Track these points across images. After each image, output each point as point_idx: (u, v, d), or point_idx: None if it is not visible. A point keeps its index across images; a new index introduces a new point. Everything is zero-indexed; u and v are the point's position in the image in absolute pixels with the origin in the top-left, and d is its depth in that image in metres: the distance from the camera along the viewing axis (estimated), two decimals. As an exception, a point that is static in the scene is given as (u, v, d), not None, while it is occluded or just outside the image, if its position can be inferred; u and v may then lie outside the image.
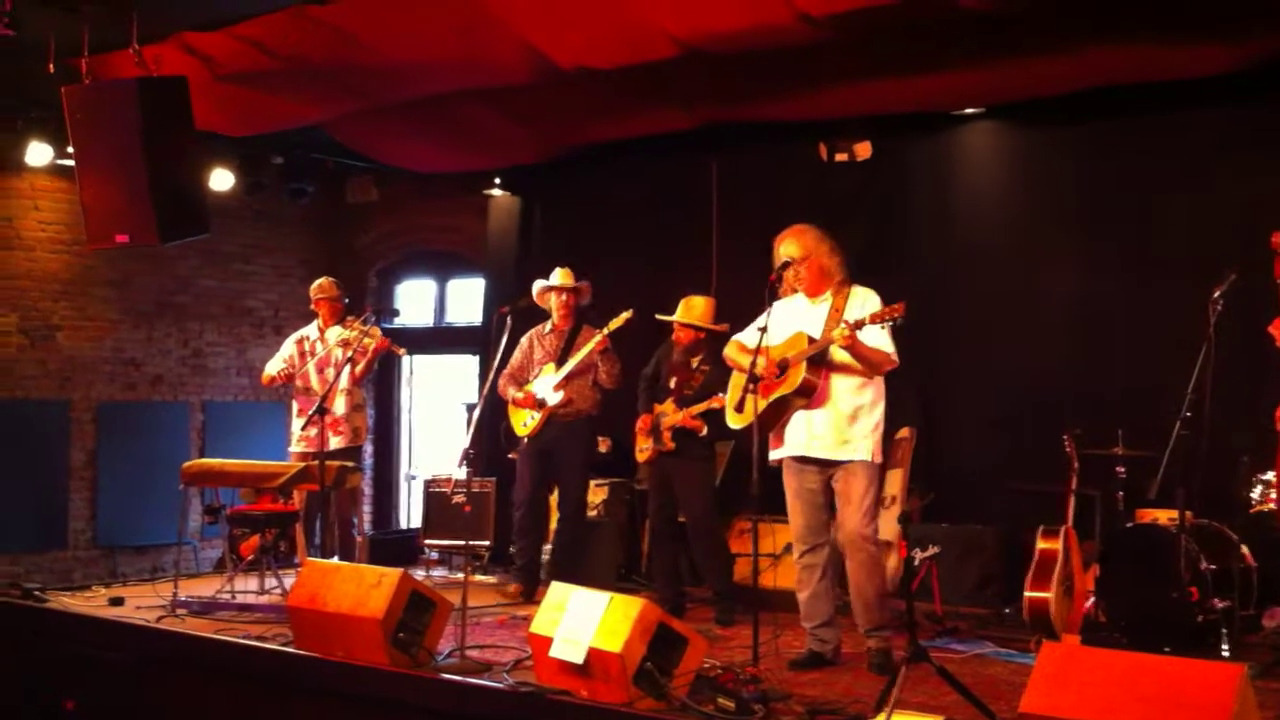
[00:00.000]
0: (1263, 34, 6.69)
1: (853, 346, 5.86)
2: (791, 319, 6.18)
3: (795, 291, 6.26)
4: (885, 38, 6.86)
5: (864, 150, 8.71)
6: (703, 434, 7.49)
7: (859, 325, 5.76)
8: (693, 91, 8.17)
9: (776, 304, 6.24)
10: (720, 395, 7.04)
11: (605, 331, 7.94)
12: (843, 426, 6.05)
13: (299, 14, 6.90)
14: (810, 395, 6.00)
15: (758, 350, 5.98)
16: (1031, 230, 8.31)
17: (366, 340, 8.52)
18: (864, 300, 6.07)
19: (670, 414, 7.60)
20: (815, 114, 8.37)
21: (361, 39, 7.10)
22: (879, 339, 5.95)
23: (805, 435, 6.11)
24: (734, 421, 6.30)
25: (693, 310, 7.68)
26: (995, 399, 8.28)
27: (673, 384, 7.67)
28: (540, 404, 8.16)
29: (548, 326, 8.39)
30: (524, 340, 8.36)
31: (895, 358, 6.04)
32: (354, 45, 7.14)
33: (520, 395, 8.23)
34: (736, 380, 6.30)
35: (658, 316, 7.82)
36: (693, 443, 7.55)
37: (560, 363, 8.17)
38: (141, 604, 7.73)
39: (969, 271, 8.50)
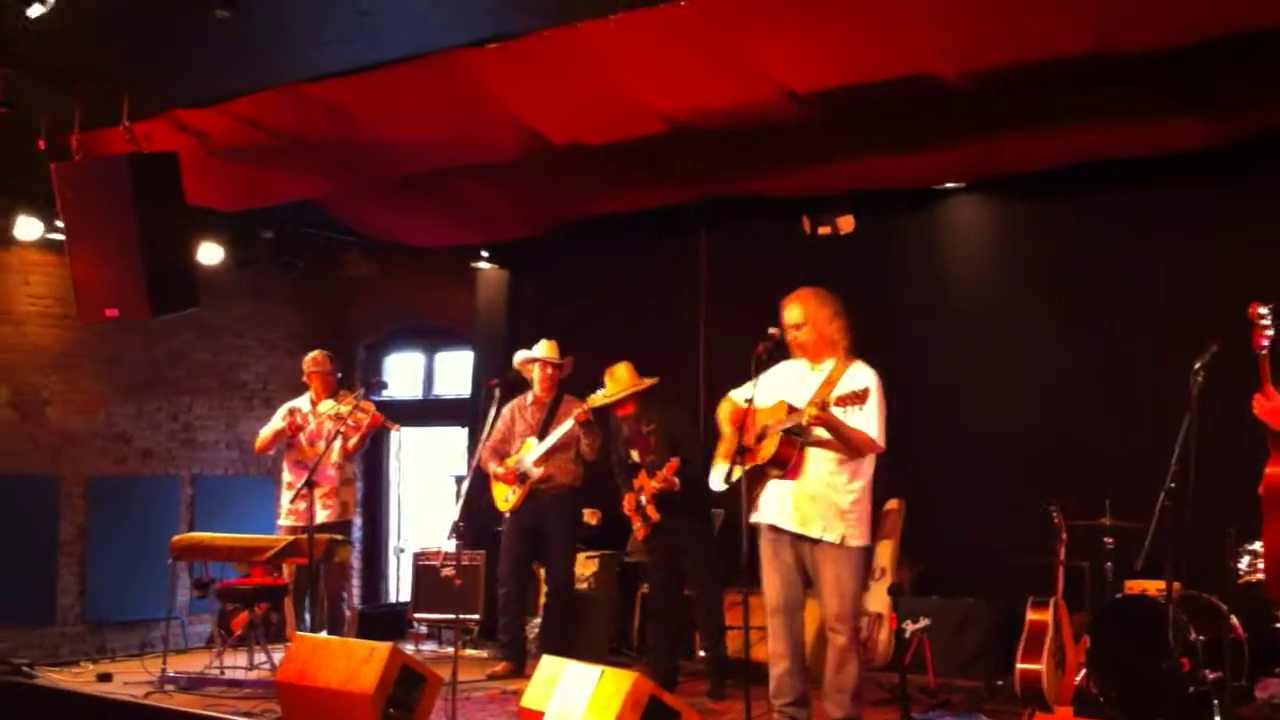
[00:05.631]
0: (1242, 111, 6.79)
1: (827, 424, 5.70)
2: (787, 383, 6.04)
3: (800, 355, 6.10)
4: (869, 115, 6.93)
5: (847, 224, 8.78)
6: (676, 489, 7.37)
7: (824, 406, 5.65)
8: (682, 167, 8.24)
9: (783, 364, 6.13)
10: (673, 460, 7.18)
11: (587, 406, 7.87)
12: (812, 504, 5.86)
13: (292, 91, 6.96)
14: (784, 467, 5.89)
15: (746, 417, 5.88)
16: (1016, 302, 8.38)
17: (360, 414, 8.52)
18: (855, 377, 5.86)
19: (646, 485, 7.57)
20: (801, 189, 8.46)
21: (355, 116, 7.15)
22: (862, 420, 5.75)
23: (777, 506, 5.96)
24: (714, 483, 6.22)
25: (618, 380, 7.65)
26: (983, 469, 8.28)
27: (636, 457, 7.66)
28: (522, 479, 8.13)
29: (529, 398, 8.37)
30: (505, 411, 8.28)
31: (880, 442, 5.85)
32: (347, 122, 7.20)
33: (501, 470, 8.20)
34: (724, 438, 6.27)
35: (590, 403, 7.79)
36: (686, 508, 7.42)
37: (542, 436, 8.16)
38: (130, 680, 7.70)
39: (954, 343, 8.55)
